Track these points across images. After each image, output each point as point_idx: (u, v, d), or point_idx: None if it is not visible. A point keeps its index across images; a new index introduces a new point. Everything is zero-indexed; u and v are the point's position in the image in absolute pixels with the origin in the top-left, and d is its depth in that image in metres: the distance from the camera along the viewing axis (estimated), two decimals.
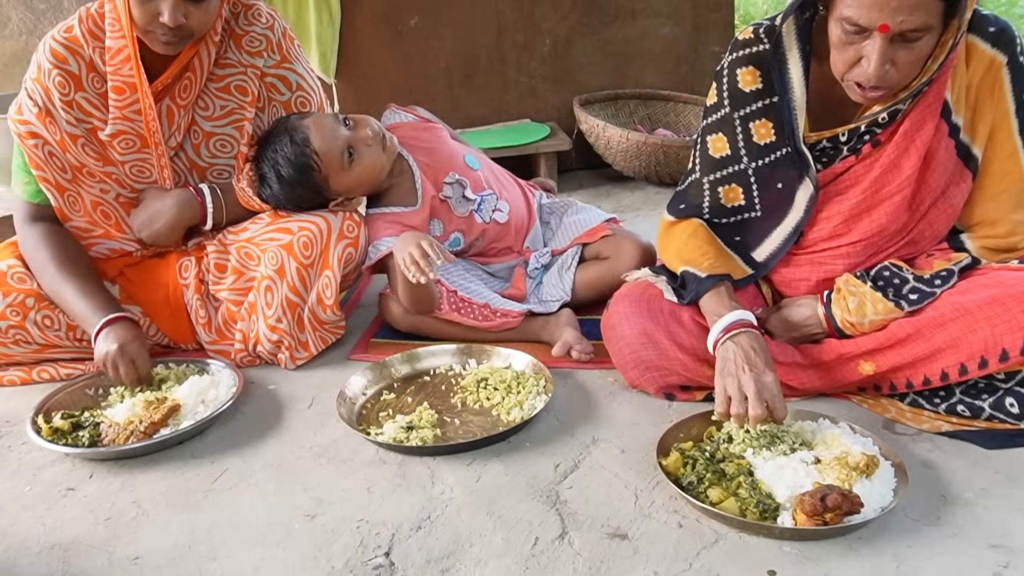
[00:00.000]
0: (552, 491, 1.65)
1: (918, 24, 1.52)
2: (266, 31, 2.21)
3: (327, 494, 1.68)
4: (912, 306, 1.75)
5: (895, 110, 1.72)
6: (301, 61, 2.29)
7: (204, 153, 2.22)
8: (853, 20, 1.55)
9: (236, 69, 2.19)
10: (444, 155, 2.42)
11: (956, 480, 1.61)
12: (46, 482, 1.79)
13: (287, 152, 2.14)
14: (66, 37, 2.10)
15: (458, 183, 2.38)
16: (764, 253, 1.94)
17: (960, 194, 1.81)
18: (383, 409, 1.95)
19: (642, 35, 3.81)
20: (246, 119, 2.21)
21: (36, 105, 2.10)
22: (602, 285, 2.27)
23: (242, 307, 2.18)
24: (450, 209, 2.36)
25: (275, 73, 2.23)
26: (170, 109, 2.14)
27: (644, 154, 3.41)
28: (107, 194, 2.19)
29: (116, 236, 2.23)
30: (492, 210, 2.41)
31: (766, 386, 1.65)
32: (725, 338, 1.73)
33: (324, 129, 2.18)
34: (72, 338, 2.17)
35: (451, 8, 3.62)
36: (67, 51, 2.09)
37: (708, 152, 1.94)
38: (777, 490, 1.53)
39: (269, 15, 2.23)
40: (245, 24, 2.20)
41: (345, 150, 2.19)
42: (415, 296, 2.18)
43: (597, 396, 1.98)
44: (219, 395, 2.00)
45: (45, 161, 2.11)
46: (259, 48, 2.20)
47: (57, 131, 2.10)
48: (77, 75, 2.10)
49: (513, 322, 2.23)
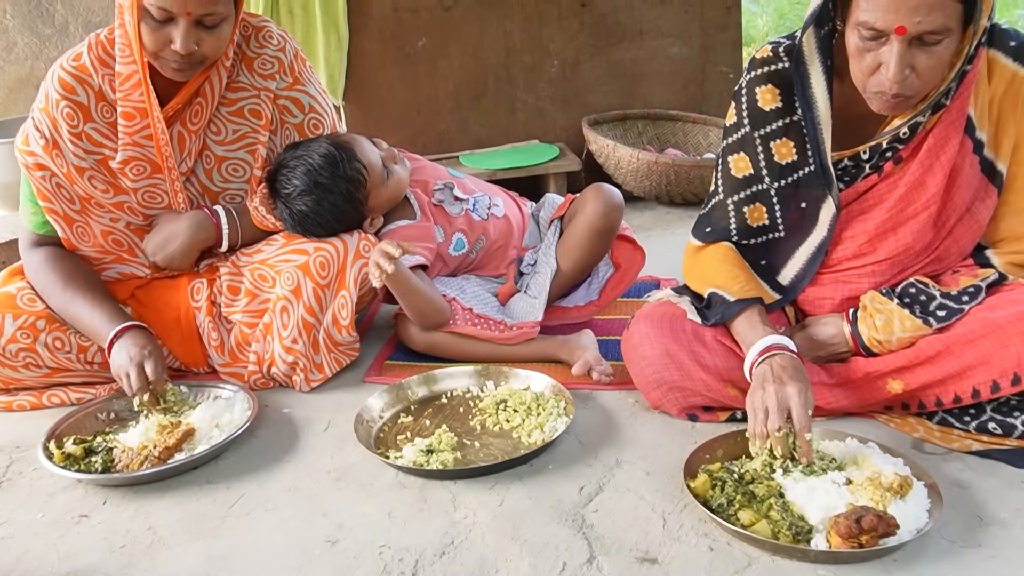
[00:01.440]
0: (578, 514, 1.61)
1: (935, 26, 1.51)
2: (278, 53, 2.18)
3: (347, 519, 1.64)
4: (940, 323, 1.72)
5: (916, 124, 1.70)
6: (313, 83, 2.27)
7: (216, 178, 2.19)
8: (870, 24, 1.54)
9: (249, 92, 2.16)
10: (426, 169, 2.44)
11: (991, 500, 1.58)
12: (59, 509, 1.75)
13: (336, 165, 2.11)
14: (75, 66, 2.06)
15: (446, 186, 2.39)
16: (789, 275, 1.92)
17: (985, 210, 1.79)
18: (401, 432, 1.92)
19: (650, 55, 3.81)
20: (259, 143, 2.18)
21: (43, 137, 2.06)
22: (577, 244, 2.33)
23: (256, 329, 2.15)
24: (446, 212, 2.35)
25: (288, 95, 2.21)
26: (181, 134, 2.11)
27: (655, 174, 3.39)
28: (118, 223, 2.16)
29: (128, 260, 2.21)
30: (488, 207, 2.41)
31: (787, 395, 1.59)
32: (759, 360, 1.70)
33: (363, 145, 2.19)
34: (83, 361, 2.14)
35: (459, 29, 3.62)
36: (76, 81, 2.05)
37: (731, 172, 1.92)
38: (809, 512, 1.49)
39: (280, 36, 2.21)
40: (256, 47, 2.17)
41: (383, 165, 2.20)
42: (418, 308, 2.17)
43: (619, 417, 1.95)
44: (234, 419, 1.96)
45: (53, 193, 2.09)
46: (271, 71, 2.17)
47: (64, 163, 2.07)
48: (86, 105, 2.06)
49: (531, 332, 2.21)
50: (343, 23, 3.48)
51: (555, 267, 2.33)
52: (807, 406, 1.60)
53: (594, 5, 3.70)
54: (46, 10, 3.98)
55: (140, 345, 1.99)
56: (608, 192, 2.34)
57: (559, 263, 2.34)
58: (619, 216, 2.35)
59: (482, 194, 2.44)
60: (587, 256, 2.35)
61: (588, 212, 2.32)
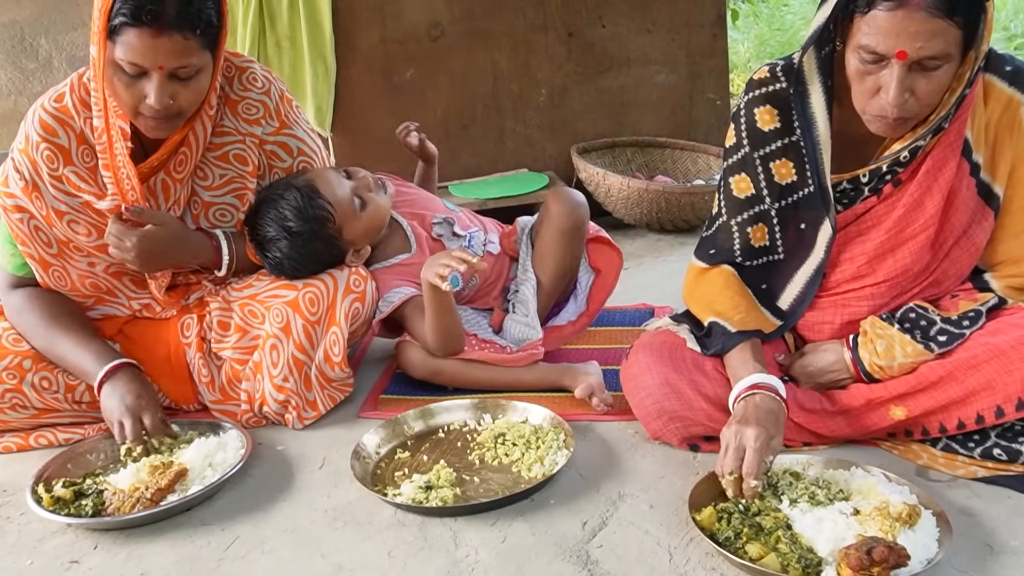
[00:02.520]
0: (582, 550, 1.58)
1: (936, 51, 1.51)
2: (262, 97, 2.12)
3: (346, 560, 1.61)
4: (941, 348, 1.71)
5: (916, 148, 1.70)
6: (301, 124, 2.23)
7: (204, 223, 2.14)
8: (871, 48, 1.54)
9: (234, 137, 2.10)
10: (423, 200, 2.44)
11: (1000, 528, 1.56)
12: (48, 555, 1.70)
13: (299, 207, 2.09)
14: (56, 108, 1.99)
15: (445, 221, 2.38)
16: (789, 299, 1.90)
17: (983, 233, 1.79)
18: (398, 468, 1.89)
19: (638, 83, 3.82)
20: (247, 188, 2.14)
21: (23, 178, 2.00)
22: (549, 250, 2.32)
23: (247, 366, 2.11)
24: (444, 247, 2.33)
25: (275, 140, 2.16)
26: (166, 183, 2.05)
27: (645, 201, 3.39)
28: (95, 267, 2.11)
29: (108, 302, 2.17)
30: (484, 243, 2.40)
31: (745, 438, 1.61)
32: (741, 397, 1.70)
33: (329, 180, 2.16)
34: (71, 400, 2.10)
35: (447, 59, 3.62)
36: (57, 123, 1.98)
37: (733, 193, 1.91)
38: (818, 544, 1.47)
39: (264, 79, 2.14)
40: (240, 89, 2.11)
41: (353, 197, 2.17)
42: (447, 330, 2.12)
43: (619, 449, 1.92)
44: (227, 458, 1.92)
45: (30, 236, 2.04)
46: (256, 116, 2.12)
47: (43, 206, 2.01)
48: (67, 148, 1.99)
49: (538, 353, 2.20)
50: (330, 55, 3.47)
51: (535, 281, 2.32)
52: (762, 451, 1.59)
53: (581, 34, 3.71)
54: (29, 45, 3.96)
55: (135, 393, 1.95)
56: (567, 192, 2.36)
57: (537, 276, 2.33)
58: (584, 213, 2.35)
59: (477, 229, 2.43)
60: (562, 260, 2.34)
61: (553, 215, 2.32)
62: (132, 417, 1.93)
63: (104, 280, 2.14)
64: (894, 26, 1.51)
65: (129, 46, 1.77)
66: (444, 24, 3.60)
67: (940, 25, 1.49)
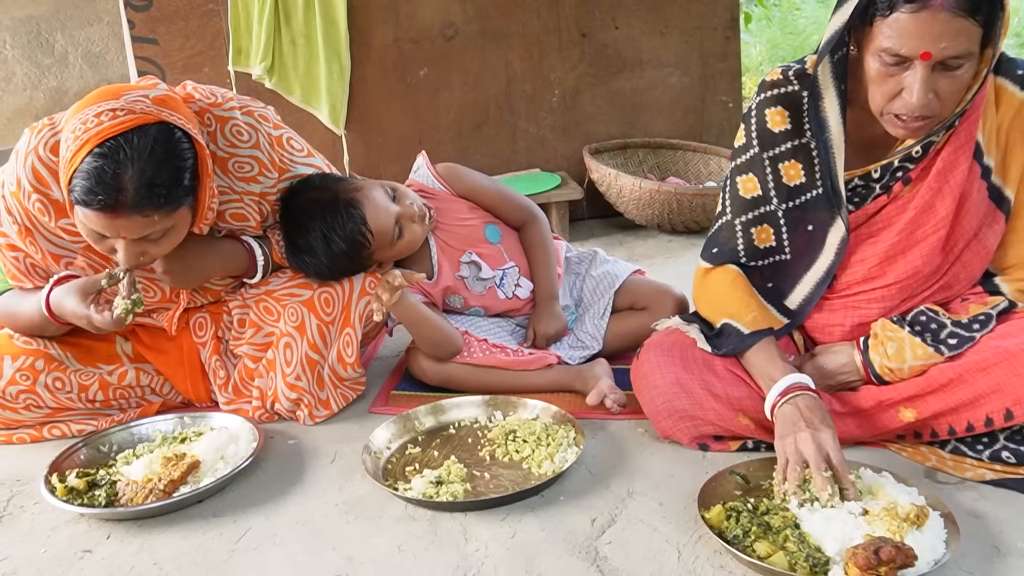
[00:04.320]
0: (591, 547, 1.59)
1: (960, 51, 1.52)
2: (252, 152, 2.00)
3: (357, 553, 1.62)
4: (952, 351, 1.71)
5: (928, 143, 1.71)
6: (298, 160, 2.13)
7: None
8: (894, 51, 1.54)
9: (229, 197, 2.01)
10: (462, 234, 2.34)
11: (1007, 530, 1.56)
12: (61, 544, 1.72)
13: (343, 228, 2.06)
14: (51, 159, 1.84)
15: (474, 263, 2.32)
16: (797, 299, 1.91)
17: (993, 236, 1.79)
18: (409, 463, 1.90)
19: (650, 85, 3.82)
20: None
21: (15, 222, 1.92)
22: (639, 336, 2.13)
23: (260, 364, 2.13)
24: (466, 287, 2.33)
25: (279, 189, 2.10)
26: None
27: (657, 202, 3.39)
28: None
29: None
30: (514, 285, 2.35)
31: (823, 441, 1.60)
32: (783, 401, 1.69)
33: (379, 208, 2.12)
34: (84, 400, 2.12)
35: (461, 59, 3.63)
36: (50, 174, 1.85)
37: (739, 193, 1.91)
38: (826, 543, 1.48)
39: (249, 130, 1.99)
40: (226, 145, 1.97)
41: (395, 227, 2.14)
42: (429, 338, 2.16)
43: (629, 447, 1.93)
44: (239, 451, 1.94)
45: (27, 272, 2.00)
46: (251, 173, 2.01)
47: (38, 250, 1.96)
48: (60, 202, 1.85)
49: (550, 359, 2.20)
50: (345, 53, 3.49)
51: (599, 348, 2.30)
52: (839, 449, 1.60)
53: (594, 35, 3.72)
54: (45, 40, 3.99)
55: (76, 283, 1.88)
56: (685, 303, 2.29)
57: (606, 343, 2.31)
58: None
59: (512, 266, 2.36)
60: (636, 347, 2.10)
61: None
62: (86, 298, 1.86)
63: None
64: (918, 27, 1.51)
65: (88, 219, 1.71)
66: (458, 24, 3.61)
67: (963, 24, 1.50)
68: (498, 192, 2.42)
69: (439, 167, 2.41)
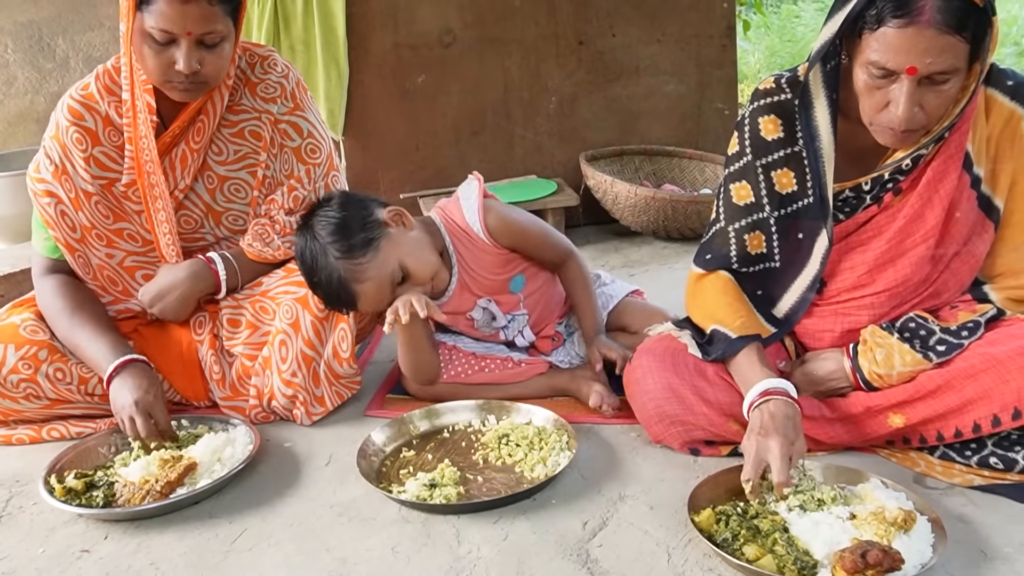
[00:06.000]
0: (582, 549, 1.61)
1: (945, 66, 1.53)
2: (281, 79, 2.25)
3: (351, 554, 1.64)
4: (940, 357, 1.73)
5: (918, 156, 1.73)
6: (313, 110, 2.31)
7: (220, 198, 2.22)
8: (880, 64, 1.56)
9: (250, 115, 2.22)
10: (486, 284, 2.24)
11: (994, 535, 1.58)
12: (60, 544, 1.74)
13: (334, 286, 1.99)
14: (83, 95, 2.15)
15: (487, 311, 2.26)
16: (785, 307, 1.93)
17: (983, 245, 1.81)
18: (403, 466, 1.92)
19: (647, 92, 3.85)
20: (259, 164, 2.22)
21: (52, 163, 2.13)
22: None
23: (256, 362, 2.15)
24: (473, 327, 2.29)
25: (288, 120, 2.24)
26: (184, 154, 2.15)
27: (652, 209, 3.42)
28: (113, 259, 2.18)
29: (122, 300, 2.23)
30: (518, 331, 2.32)
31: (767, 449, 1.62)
32: (759, 402, 1.71)
33: (370, 299, 2.03)
34: (84, 392, 2.14)
35: (458, 66, 3.65)
36: (83, 108, 2.14)
37: (732, 200, 1.94)
38: (814, 546, 1.50)
39: (285, 66, 2.28)
40: (261, 72, 2.24)
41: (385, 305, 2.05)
42: (414, 364, 2.15)
43: (621, 452, 1.95)
44: (235, 453, 1.96)
45: (56, 220, 2.13)
46: (273, 95, 2.23)
47: (72, 188, 2.12)
48: (94, 130, 2.14)
49: (540, 367, 2.21)
50: (344, 59, 3.52)
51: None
52: (786, 459, 1.60)
53: (591, 43, 3.74)
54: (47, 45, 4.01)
55: (143, 388, 1.98)
56: None
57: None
58: None
59: (523, 314, 2.30)
60: None
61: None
62: (142, 413, 1.96)
63: (119, 275, 2.21)
64: (904, 43, 1.53)
65: (160, 14, 1.90)
66: (456, 31, 3.64)
67: (949, 41, 1.52)
68: (541, 238, 2.28)
69: (490, 218, 2.19)
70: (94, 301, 2.18)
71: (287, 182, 2.25)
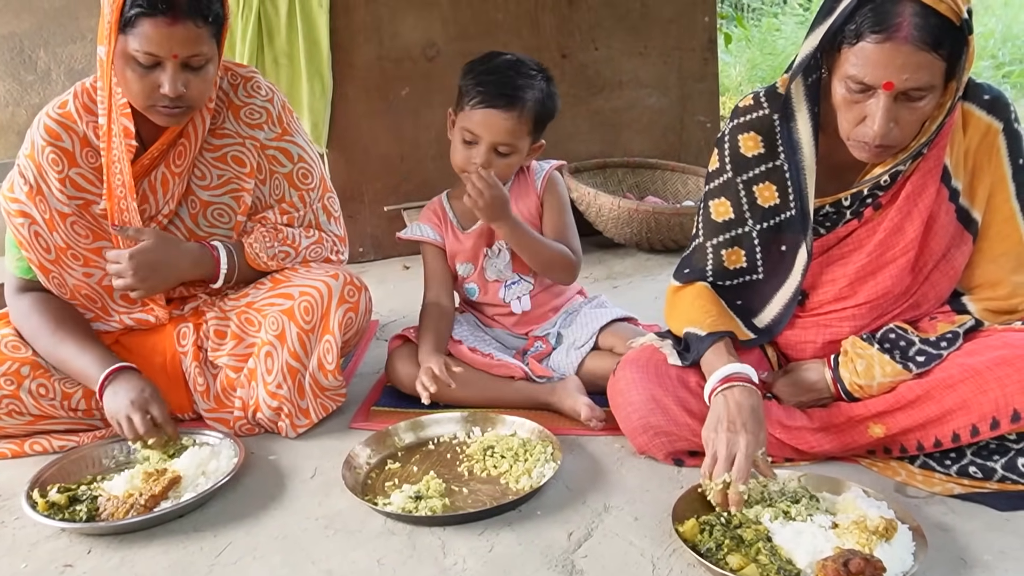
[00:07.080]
0: (567, 560, 1.61)
1: (921, 83, 1.56)
2: (266, 104, 2.22)
3: (336, 567, 1.64)
4: (920, 368, 1.76)
5: (896, 172, 1.75)
6: (301, 134, 2.30)
7: (203, 222, 2.20)
8: (858, 79, 1.59)
9: (234, 140, 2.19)
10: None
11: (974, 543, 1.60)
12: (43, 559, 1.73)
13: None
14: (60, 113, 2.09)
15: (503, 251, 2.39)
16: (767, 318, 1.95)
17: (961, 257, 1.84)
18: (388, 479, 1.92)
19: (629, 105, 3.88)
20: (244, 189, 2.20)
21: (27, 183, 2.08)
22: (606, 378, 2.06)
23: (241, 374, 2.15)
24: (482, 263, 2.39)
25: (276, 146, 2.23)
26: (164, 177, 2.13)
27: (635, 221, 3.44)
28: (91, 278, 2.15)
29: (101, 318, 2.21)
30: (517, 296, 2.41)
31: (735, 445, 1.64)
32: (720, 389, 1.73)
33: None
34: (67, 408, 2.13)
35: (442, 79, 3.67)
36: (60, 127, 2.08)
37: (711, 217, 1.96)
38: (797, 556, 1.51)
39: (268, 88, 2.25)
40: (244, 96, 2.21)
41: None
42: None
43: (605, 463, 1.96)
44: (220, 466, 1.95)
45: (30, 241, 2.09)
46: (259, 120, 2.21)
47: (47, 209, 2.08)
48: (71, 151, 2.08)
49: (516, 372, 2.23)
50: (327, 72, 3.53)
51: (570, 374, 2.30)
52: (751, 457, 1.63)
53: (574, 56, 3.77)
54: (28, 57, 4.00)
55: (138, 388, 1.99)
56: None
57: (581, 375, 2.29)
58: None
59: (529, 282, 2.43)
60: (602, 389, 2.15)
61: None
62: (139, 411, 1.95)
63: (98, 294, 2.18)
64: (882, 58, 1.56)
65: (144, 36, 1.87)
66: (439, 44, 3.66)
67: (926, 58, 1.55)
68: (565, 224, 2.43)
69: (555, 175, 2.48)
70: (75, 315, 2.16)
71: (278, 206, 2.25)
